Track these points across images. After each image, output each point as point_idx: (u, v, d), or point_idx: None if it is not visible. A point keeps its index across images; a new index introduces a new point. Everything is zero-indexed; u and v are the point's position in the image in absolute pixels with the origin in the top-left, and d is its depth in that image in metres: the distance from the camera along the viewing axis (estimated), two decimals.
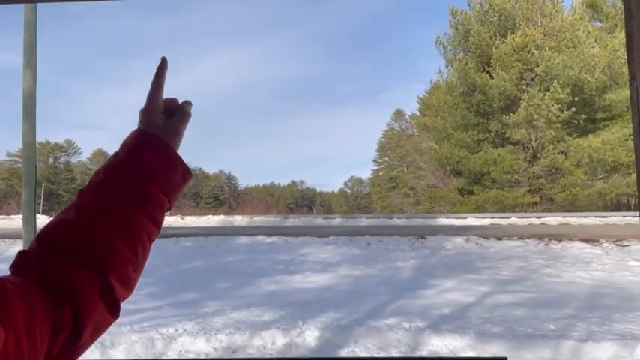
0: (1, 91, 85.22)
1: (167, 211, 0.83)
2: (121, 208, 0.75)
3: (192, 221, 20.78)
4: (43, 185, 51.00)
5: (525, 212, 25.05)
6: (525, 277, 9.31)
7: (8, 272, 0.75)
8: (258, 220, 20.86)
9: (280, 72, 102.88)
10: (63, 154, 66.75)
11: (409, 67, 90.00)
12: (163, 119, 0.85)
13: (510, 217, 20.76)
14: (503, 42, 26.89)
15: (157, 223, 0.80)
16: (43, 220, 18.66)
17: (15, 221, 17.68)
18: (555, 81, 25.00)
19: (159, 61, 0.88)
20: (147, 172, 0.78)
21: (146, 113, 0.84)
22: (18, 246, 12.06)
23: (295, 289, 8.59)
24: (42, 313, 0.65)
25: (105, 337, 5.62)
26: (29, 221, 11.80)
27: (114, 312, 0.75)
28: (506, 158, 27.11)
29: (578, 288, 8.42)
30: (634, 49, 0.70)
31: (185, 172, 0.84)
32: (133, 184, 0.77)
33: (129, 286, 0.78)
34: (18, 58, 12.15)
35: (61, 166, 66.01)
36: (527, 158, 28.12)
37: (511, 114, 26.34)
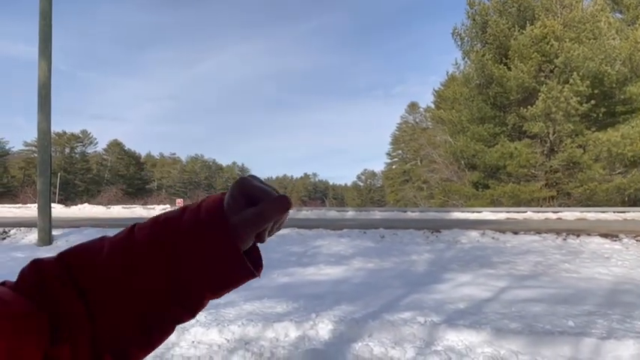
0: (18, 82, 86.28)
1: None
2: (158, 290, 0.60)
3: None
4: (60, 174, 51.57)
5: (541, 207, 24.74)
6: (543, 273, 9.14)
7: (23, 262, 0.66)
8: None
9: (295, 65, 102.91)
10: (79, 144, 67.48)
11: (425, 60, 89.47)
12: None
13: (526, 212, 20.55)
14: (522, 33, 26.46)
15: (194, 313, 0.65)
16: (59, 210, 18.87)
17: (31, 210, 17.87)
18: (575, 73, 24.55)
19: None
20: (207, 277, 0.62)
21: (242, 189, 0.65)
22: (33, 234, 12.15)
23: (308, 282, 8.52)
24: (34, 343, 0.54)
25: None
26: (44, 210, 11.91)
27: None
28: (522, 152, 26.76)
29: (598, 284, 8.24)
30: None
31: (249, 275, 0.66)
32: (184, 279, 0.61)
33: None
34: (34, 49, 12.22)
35: (77, 156, 66.75)
36: (545, 152, 27.73)
37: (529, 107, 25.95)
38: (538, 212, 20.41)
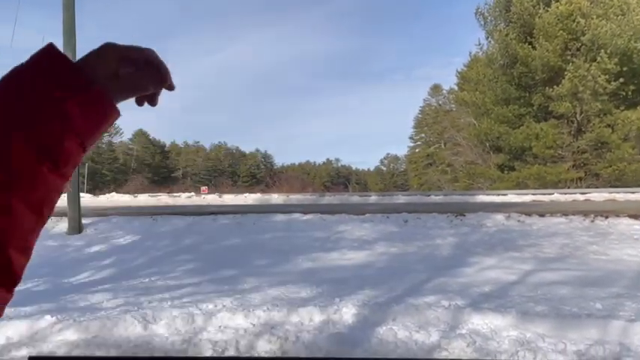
0: None
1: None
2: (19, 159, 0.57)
3: (229, 199, 21.08)
4: (87, 164, 52.64)
5: (569, 188, 24.31)
6: (570, 255, 9.02)
7: (55, 250, 0.64)
8: (295, 197, 20.97)
9: (316, 49, 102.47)
10: (105, 134, 68.60)
11: (447, 41, 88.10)
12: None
13: (553, 194, 20.23)
14: (547, 11, 25.80)
15: (67, 176, 0.64)
16: (87, 199, 19.29)
17: (61, 199, 18.32)
18: (602, 51, 23.89)
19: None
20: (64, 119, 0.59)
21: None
22: (64, 223, 12.48)
23: (332, 267, 8.58)
24: None
25: (147, 312, 5.75)
26: (74, 199, 12.21)
27: (10, 289, 0.60)
28: (549, 132, 26.26)
29: (627, 266, 8.11)
30: None
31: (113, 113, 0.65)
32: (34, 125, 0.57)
33: (30, 252, 0.62)
34: (58, 40, 12.43)
35: (104, 145, 67.89)
36: (572, 132, 27.17)
37: (555, 86, 25.39)
38: (565, 194, 20.06)
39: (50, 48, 0.61)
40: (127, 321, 5.46)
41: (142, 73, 0.68)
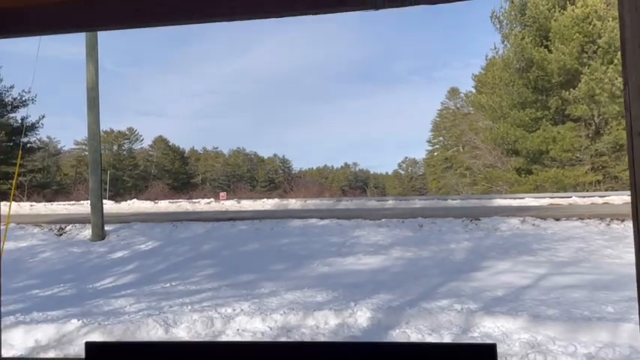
0: (68, 83, 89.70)
1: None
2: None
3: (248, 205, 21.32)
4: (109, 172, 53.50)
5: (587, 191, 24.09)
6: (584, 259, 9.05)
7: (79, 257, 0.80)
8: (312, 203, 21.15)
9: (333, 52, 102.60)
10: (126, 141, 69.54)
11: (466, 43, 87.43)
12: None
13: (571, 197, 20.06)
14: (563, 14, 25.67)
15: None
16: (109, 206, 19.70)
17: (84, 207, 18.74)
18: (619, 53, 23.66)
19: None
20: None
21: None
22: (87, 230, 12.84)
23: (348, 271, 8.74)
24: None
25: (168, 316, 5.99)
26: (96, 207, 12.57)
27: None
28: (566, 136, 26.07)
29: None
30: (626, 56, 0.75)
31: None
32: None
33: None
34: (82, 50, 12.85)
35: (125, 152, 68.86)
36: (590, 135, 26.93)
37: (571, 89, 25.23)
38: (583, 197, 19.90)
39: None
40: (149, 325, 5.70)
41: None
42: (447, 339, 5.40)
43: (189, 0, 0.74)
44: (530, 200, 19.50)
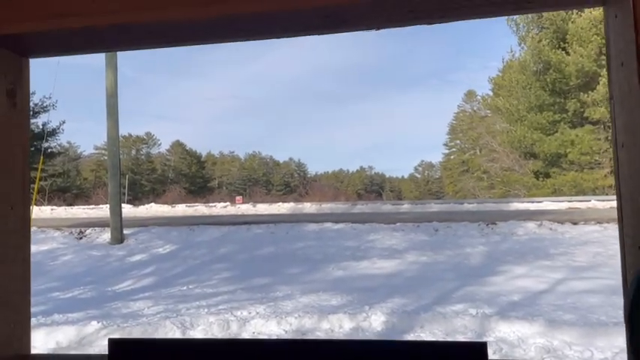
0: (87, 89, 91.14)
1: None
2: None
3: (263, 209, 21.45)
4: (127, 176, 54.20)
5: (607, 195, 23.76)
6: (602, 264, 8.95)
7: (99, 260, 0.83)
8: (327, 207, 21.20)
9: (349, 55, 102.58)
10: (144, 145, 70.36)
11: (483, 45, 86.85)
12: None
13: (590, 201, 19.83)
14: (580, 16, 25.42)
15: None
16: (128, 210, 19.98)
17: (103, 210, 19.03)
18: None
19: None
20: None
21: None
22: (107, 234, 13.05)
23: (362, 275, 8.76)
24: None
25: (185, 318, 6.08)
26: (115, 211, 12.79)
27: None
28: (584, 139, 25.78)
29: None
30: (611, 72, 0.80)
31: None
32: None
33: None
34: (102, 57, 13.10)
35: (143, 157, 69.65)
36: (609, 137, 26.57)
37: (590, 92, 24.97)
38: (603, 200, 19.65)
39: None
40: (166, 327, 5.80)
41: None
42: None
43: (207, 24, 0.81)
44: (548, 204, 19.32)
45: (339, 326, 5.97)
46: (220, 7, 0.76)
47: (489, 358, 0.70)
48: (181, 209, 22.63)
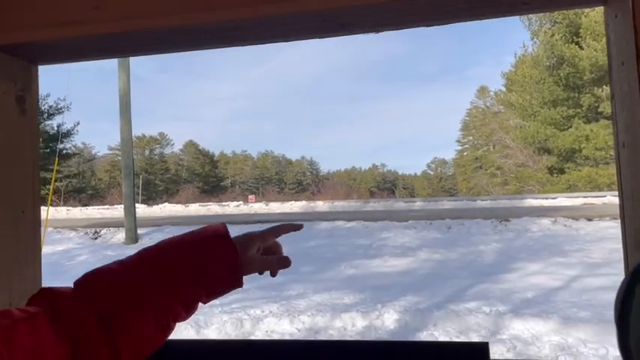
0: (101, 90, 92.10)
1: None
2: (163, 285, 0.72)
3: (276, 207, 21.50)
4: (141, 176, 54.66)
5: None
6: (618, 260, 8.79)
7: (113, 258, 0.78)
8: (339, 205, 21.20)
9: (361, 52, 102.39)
10: (157, 145, 70.82)
11: (495, 40, 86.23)
12: (258, 252, 0.80)
13: (605, 196, 19.58)
14: (594, 9, 25.09)
15: (189, 311, 0.76)
16: (142, 209, 20.15)
17: (118, 210, 19.21)
18: None
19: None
20: (207, 275, 0.74)
21: (249, 236, 0.79)
22: (121, 234, 13.18)
23: (375, 273, 8.75)
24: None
25: (199, 317, 6.13)
26: (129, 211, 12.91)
27: None
28: (599, 133, 25.46)
29: None
30: (613, 71, 0.80)
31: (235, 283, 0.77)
32: (186, 277, 0.73)
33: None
34: (114, 59, 13.23)
35: (156, 157, 70.12)
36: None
37: (604, 86, 24.64)
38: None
39: (227, 243, 0.75)
40: (180, 325, 5.84)
41: (270, 258, 0.82)
42: (476, 340, 5.38)
43: (210, 30, 0.82)
44: (562, 200, 19.13)
45: (351, 324, 5.98)
46: (224, 13, 0.78)
47: (491, 358, 0.70)
48: (195, 208, 22.78)
